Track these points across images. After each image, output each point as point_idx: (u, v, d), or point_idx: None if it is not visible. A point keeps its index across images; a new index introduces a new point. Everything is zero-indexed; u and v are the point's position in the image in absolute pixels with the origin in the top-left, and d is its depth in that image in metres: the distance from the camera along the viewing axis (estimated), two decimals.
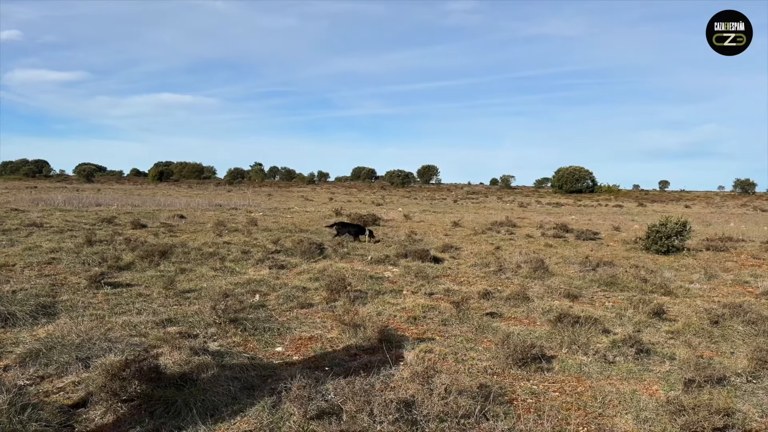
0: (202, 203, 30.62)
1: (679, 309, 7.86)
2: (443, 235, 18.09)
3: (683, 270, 11.71)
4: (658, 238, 14.82)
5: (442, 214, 29.39)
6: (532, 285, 9.30)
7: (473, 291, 8.47)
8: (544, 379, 4.95)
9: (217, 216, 22.08)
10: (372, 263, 10.80)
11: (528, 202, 54.71)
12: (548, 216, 31.27)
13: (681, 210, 47.52)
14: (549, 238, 17.98)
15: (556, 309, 7.45)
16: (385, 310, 7.23)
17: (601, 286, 9.37)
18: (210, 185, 76.76)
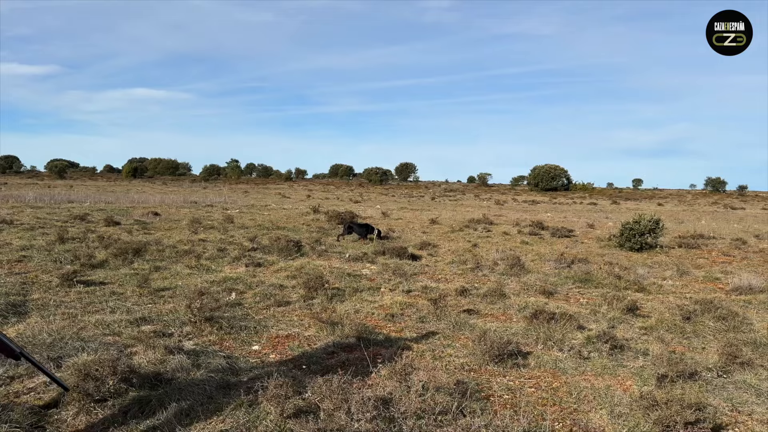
0: (177, 200, 30.23)
1: (652, 305, 7.99)
2: (421, 232, 18.13)
3: (656, 267, 11.91)
4: (631, 235, 15.06)
5: (419, 212, 29.47)
6: (508, 282, 9.38)
7: (451, 288, 8.51)
8: (521, 374, 4.99)
9: (193, 213, 21.83)
10: (350, 261, 10.78)
11: (505, 199, 55.14)
12: (524, 213, 31.56)
13: (654, 208, 48.32)
14: (525, 235, 18.14)
15: (532, 305, 7.52)
16: (363, 307, 7.22)
17: (576, 282, 9.49)
18: (185, 182, 75.79)
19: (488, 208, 37.10)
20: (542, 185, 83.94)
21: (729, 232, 21.61)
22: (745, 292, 8.93)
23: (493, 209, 36.34)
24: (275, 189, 64.48)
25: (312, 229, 16.91)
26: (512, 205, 44.40)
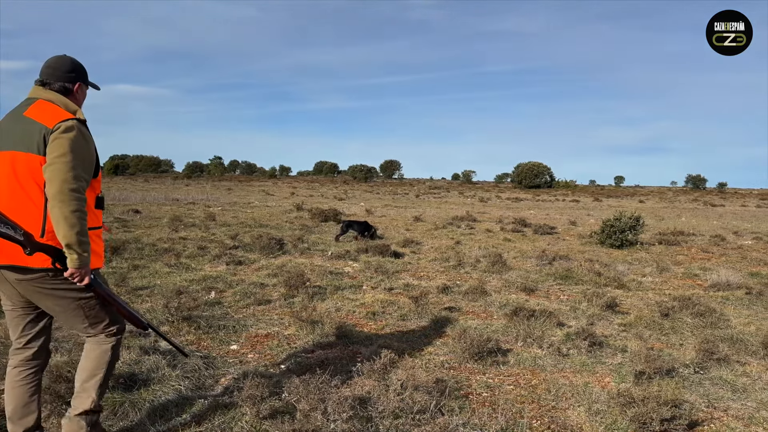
0: (158, 197, 29.94)
1: (631, 302, 8.05)
2: (404, 229, 18.13)
3: (636, 263, 12.02)
4: (612, 232, 15.18)
5: (404, 209, 29.47)
6: (490, 279, 9.40)
7: (432, 286, 8.50)
8: (500, 372, 4.99)
9: (174, 211, 21.62)
10: (332, 258, 10.73)
11: (488, 197, 55.38)
12: (508, 211, 31.71)
13: (635, 205, 48.81)
14: (508, 232, 18.22)
15: (512, 303, 7.53)
16: (344, 305, 7.18)
17: (556, 279, 9.53)
18: (167, 179, 75.12)
19: (472, 206, 37.22)
20: (526, 183, 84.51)
21: (708, 228, 21.90)
22: (723, 288, 9.03)
23: (477, 207, 36.46)
24: (259, 186, 64.09)
25: (295, 227, 16.82)
26: (496, 203, 44.60)
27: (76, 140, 2.72)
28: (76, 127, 2.76)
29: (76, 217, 2.65)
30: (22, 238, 2.63)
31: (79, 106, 3.00)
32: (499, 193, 65.76)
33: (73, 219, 2.64)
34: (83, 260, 2.74)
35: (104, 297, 2.99)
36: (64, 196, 2.61)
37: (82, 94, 3.11)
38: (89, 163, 2.82)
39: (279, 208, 26.08)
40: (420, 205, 34.83)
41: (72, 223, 2.64)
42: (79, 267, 2.74)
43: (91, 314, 2.99)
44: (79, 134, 2.77)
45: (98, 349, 3.14)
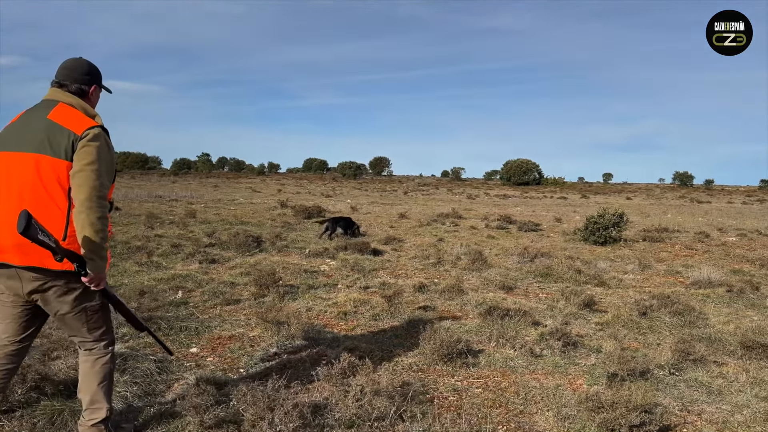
0: (141, 194, 29.52)
1: (610, 300, 7.91)
2: (388, 227, 17.93)
3: (618, 261, 11.90)
4: (595, 229, 15.07)
5: (390, 206, 29.27)
6: (469, 277, 9.22)
7: (409, 284, 8.31)
8: (469, 374, 4.81)
9: (156, 208, 21.28)
10: (310, 256, 10.51)
11: (477, 194, 55.31)
12: (494, 208, 31.60)
13: (622, 202, 48.89)
14: (492, 229, 18.08)
15: (489, 301, 7.36)
16: (315, 305, 6.97)
17: (536, 277, 9.37)
18: (153, 176, 74.37)
19: (459, 203, 37.09)
20: (514, 180, 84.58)
21: (693, 225, 21.88)
22: (705, 285, 8.92)
23: (464, 203, 36.33)
24: (247, 183, 63.58)
25: (277, 224, 16.57)
26: (484, 200, 44.50)
27: (102, 148, 2.82)
28: (102, 135, 2.85)
29: (102, 224, 2.74)
30: (54, 245, 2.61)
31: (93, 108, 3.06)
32: (487, 190, 65.69)
33: (99, 225, 2.71)
34: (102, 266, 2.83)
35: (112, 301, 3.09)
36: (92, 202, 2.67)
37: (96, 96, 3.16)
38: (112, 171, 2.92)
39: (263, 205, 25.79)
40: (407, 203, 34.64)
41: (97, 229, 2.70)
42: (98, 272, 2.82)
43: (91, 320, 3.06)
44: (104, 142, 2.87)
45: (97, 365, 3.18)
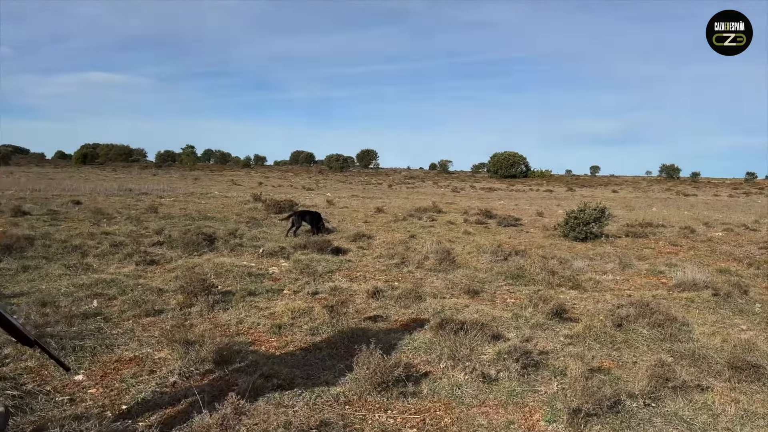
0: (112, 188, 28.43)
1: (584, 306, 7.14)
2: (362, 222, 17.11)
3: (598, 259, 11.16)
4: (575, 224, 14.34)
5: (370, 200, 28.43)
6: (433, 279, 8.43)
7: (364, 289, 7.49)
8: (406, 407, 4.01)
9: (120, 202, 20.30)
10: (263, 256, 9.66)
11: (462, 187, 54.57)
12: (477, 201, 30.86)
13: (608, 195, 48.37)
14: (471, 224, 17.31)
15: (448, 309, 6.57)
16: (248, 316, 6.14)
17: (507, 279, 8.60)
18: (134, 169, 72.90)
19: (443, 196, 36.32)
20: (501, 172, 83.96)
21: (679, 219, 21.25)
22: (689, 288, 8.19)
23: (448, 197, 35.55)
24: (230, 176, 62.36)
25: (242, 219, 15.67)
26: (468, 193, 43.77)
27: None
28: None
29: None
30: None
31: None
32: (474, 183, 64.99)
33: None
34: None
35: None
36: None
37: None
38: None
39: (237, 198, 24.84)
40: (389, 196, 33.82)
41: None
42: None
43: None
44: None
45: None
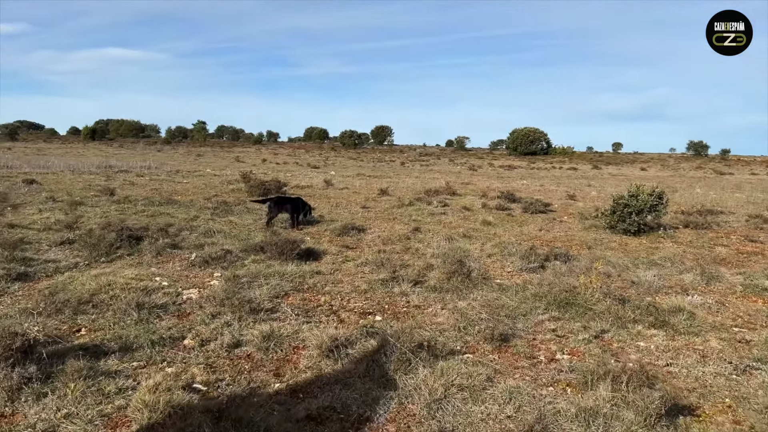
0: (90, 164, 25.77)
1: (693, 372, 4.19)
2: (360, 207, 14.22)
3: (667, 265, 8.17)
4: (626, 214, 11.29)
5: (377, 179, 25.44)
6: (436, 310, 5.53)
7: (318, 338, 4.59)
8: None
9: (86, 181, 17.64)
10: (194, 266, 6.79)
11: (480, 164, 51.21)
12: (497, 181, 27.74)
13: (638, 173, 44.87)
14: (490, 210, 14.30)
15: (459, 385, 3.68)
16: (66, 426, 3.29)
17: (550, 308, 5.66)
18: (139, 145, 70.45)
19: (458, 175, 33.17)
20: (521, 149, 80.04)
21: (735, 203, 18.02)
22: None
23: (464, 176, 32.41)
24: (239, 152, 59.67)
25: (209, 205, 12.82)
26: (486, 171, 40.51)
27: None
28: None
29: None
30: None
31: None
32: (492, 161, 61.44)
33: None
34: None
35: None
36: None
37: None
38: None
39: (227, 177, 22.04)
40: (399, 175, 30.78)
41: None
42: None
43: None
44: None
45: None
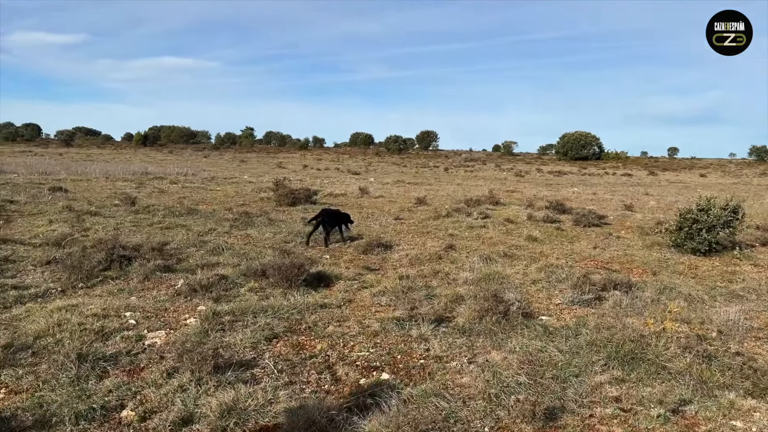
0: (132, 170, 25.58)
1: None
2: (393, 218, 13.10)
3: (752, 296, 6.73)
4: (695, 231, 9.79)
5: (416, 186, 24.28)
6: (461, 365, 4.34)
7: (294, 420, 3.48)
8: None
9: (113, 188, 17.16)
10: (182, 294, 5.79)
11: (527, 170, 49.29)
12: (545, 188, 26.12)
13: (697, 179, 42.21)
14: (537, 222, 12.93)
15: None
16: None
17: (610, 363, 4.39)
18: (187, 151, 71.42)
19: (504, 181, 31.64)
20: (571, 154, 77.24)
21: None
22: None
23: (510, 182, 30.88)
24: (283, 158, 59.56)
25: (229, 216, 11.95)
26: (534, 177, 38.75)
27: None
28: None
29: None
30: None
31: None
32: (540, 166, 59.27)
33: None
34: None
35: None
36: None
37: None
38: None
39: (259, 185, 21.32)
40: (440, 181, 29.51)
41: None
42: None
43: None
44: None
45: None
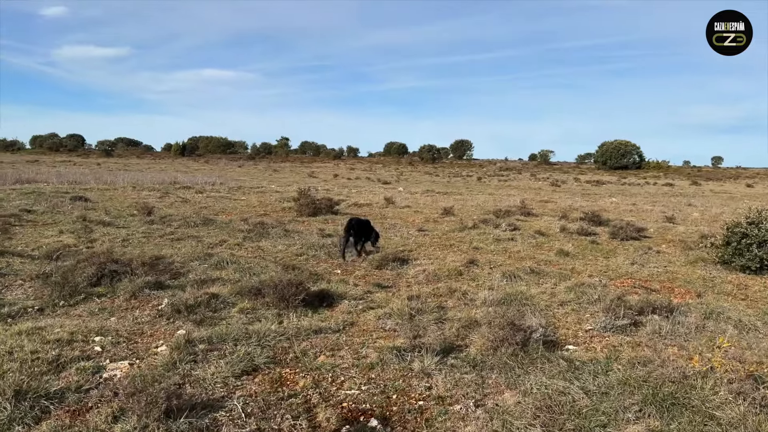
0: (160, 179, 25.60)
1: None
2: (417, 230, 12.45)
3: None
4: (745, 246, 8.85)
5: (445, 196, 23.55)
6: (467, 409, 3.65)
7: None
8: None
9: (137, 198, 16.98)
10: (164, 315, 5.27)
11: (564, 179, 47.91)
12: (582, 199, 25.03)
13: (743, 190, 40.22)
14: (570, 236, 12.09)
15: None
16: None
17: (646, 408, 3.63)
18: (222, 161, 72.19)
19: (538, 191, 30.59)
20: (611, 163, 75.10)
21: None
22: None
23: (544, 192, 29.83)
24: (315, 168, 59.51)
25: (244, 227, 11.49)
26: (571, 187, 37.49)
27: None
28: None
29: None
30: None
31: None
32: (578, 175, 57.66)
33: None
34: None
35: None
36: None
37: None
38: None
39: (284, 194, 20.95)
40: (471, 191, 28.67)
41: None
42: None
43: None
44: None
45: None
